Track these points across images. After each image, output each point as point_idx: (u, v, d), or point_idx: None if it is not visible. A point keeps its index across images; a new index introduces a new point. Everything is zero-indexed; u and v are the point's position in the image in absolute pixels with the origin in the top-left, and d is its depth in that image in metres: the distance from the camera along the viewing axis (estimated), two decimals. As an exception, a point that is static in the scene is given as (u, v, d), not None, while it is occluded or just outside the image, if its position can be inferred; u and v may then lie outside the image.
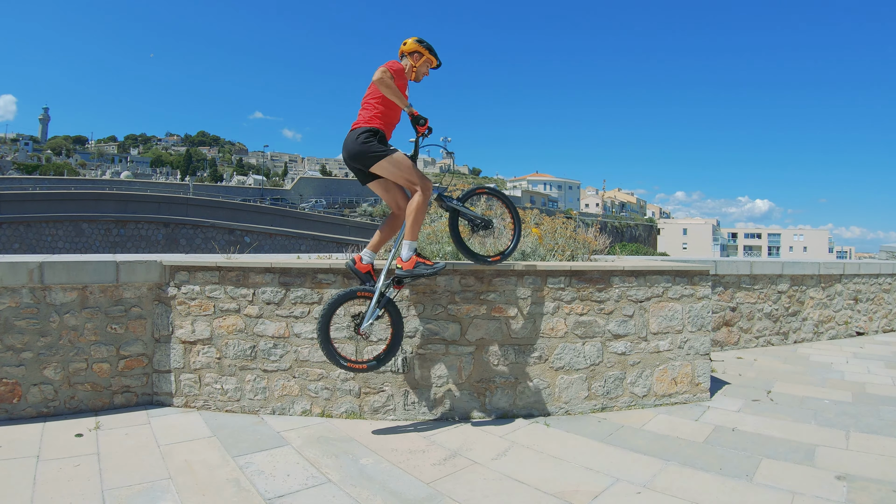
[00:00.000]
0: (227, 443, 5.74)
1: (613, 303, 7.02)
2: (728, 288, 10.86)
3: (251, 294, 6.73)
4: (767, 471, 5.26)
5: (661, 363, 7.19)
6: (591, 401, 6.93)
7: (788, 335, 11.58)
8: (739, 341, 11.00)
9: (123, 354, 6.74)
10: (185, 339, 6.81)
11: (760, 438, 6.09)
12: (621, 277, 7.07)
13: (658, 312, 7.20)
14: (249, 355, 6.71)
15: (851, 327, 12.58)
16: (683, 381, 7.29)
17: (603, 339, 6.98)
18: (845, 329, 12.49)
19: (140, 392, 6.83)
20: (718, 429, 6.37)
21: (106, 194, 54.50)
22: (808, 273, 11.85)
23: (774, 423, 6.56)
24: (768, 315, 11.29)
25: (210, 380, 6.75)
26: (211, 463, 5.26)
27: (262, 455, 5.46)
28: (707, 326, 7.45)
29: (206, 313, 6.79)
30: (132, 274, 6.76)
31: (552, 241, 8.06)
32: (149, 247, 52.21)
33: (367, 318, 6.01)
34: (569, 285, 6.89)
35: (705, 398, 7.39)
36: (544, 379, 6.80)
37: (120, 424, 6.20)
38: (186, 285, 6.83)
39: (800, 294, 11.72)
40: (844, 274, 12.50)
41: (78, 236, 50.15)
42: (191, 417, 6.50)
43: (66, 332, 6.54)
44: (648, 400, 7.13)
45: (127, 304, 6.78)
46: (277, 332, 6.69)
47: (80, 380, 6.57)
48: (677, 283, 7.31)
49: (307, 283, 6.68)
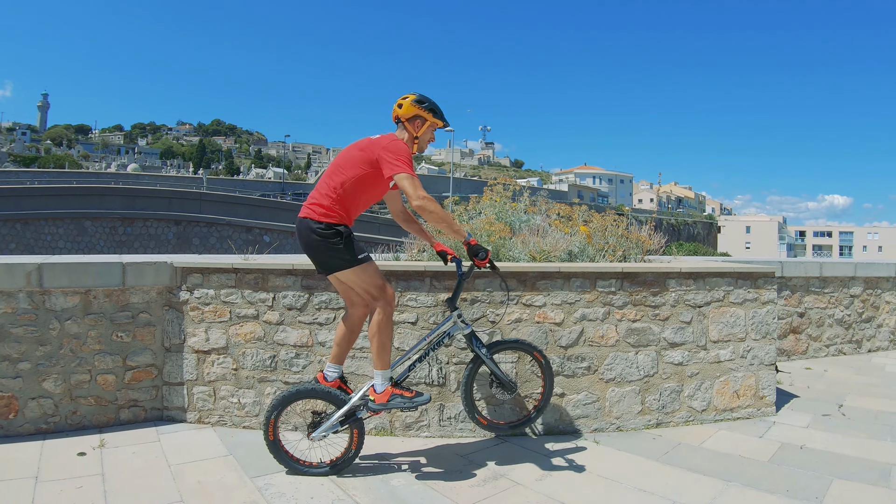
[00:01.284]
0: (245, 462, 5.73)
1: (669, 308, 6.95)
2: (795, 291, 10.73)
3: (271, 298, 6.72)
4: (839, 492, 5.19)
5: (721, 374, 7.11)
6: (644, 416, 6.87)
7: (862, 343, 11.43)
8: (808, 350, 10.88)
9: (130, 365, 6.75)
10: (199, 349, 6.80)
11: (831, 457, 6.01)
12: (678, 280, 6.99)
13: (718, 318, 7.12)
14: (269, 366, 6.70)
15: (932, 334, 12.35)
16: (746, 394, 7.20)
17: (658, 347, 6.92)
18: (925, 336, 12.26)
19: (149, 406, 6.84)
20: (785, 446, 6.30)
21: (111, 189, 54.93)
22: (884, 275, 11.68)
23: (846, 441, 6.48)
24: (840, 321, 11.14)
25: (226, 393, 6.75)
26: (227, 484, 5.25)
27: (282, 476, 5.44)
28: (773, 334, 7.36)
29: (222, 320, 6.78)
30: (140, 276, 6.76)
31: (602, 239, 8.00)
32: (158, 247, 52.47)
33: (324, 427, 5.54)
34: (620, 288, 6.82)
35: (770, 413, 7.30)
36: (593, 392, 6.74)
37: (127, 442, 6.21)
38: (200, 289, 6.82)
39: (874, 298, 11.56)
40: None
41: (80, 235, 50.50)
42: (204, 434, 6.51)
43: (67, 340, 6.54)
44: (708, 415, 7.05)
45: (134, 310, 6.79)
46: (300, 341, 6.67)
47: (82, 393, 6.59)
48: (740, 287, 7.22)
49: (333, 286, 6.62)
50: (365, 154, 5.42)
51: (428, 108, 5.67)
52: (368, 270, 5.44)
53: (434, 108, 5.71)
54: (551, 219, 7.66)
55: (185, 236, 53.58)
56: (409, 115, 5.65)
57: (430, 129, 5.78)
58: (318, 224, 5.30)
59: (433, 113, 5.70)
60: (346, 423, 5.55)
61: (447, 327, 5.79)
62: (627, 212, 8.01)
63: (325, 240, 5.30)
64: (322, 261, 5.46)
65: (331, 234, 5.30)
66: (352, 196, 5.43)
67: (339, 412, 5.51)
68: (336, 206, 5.37)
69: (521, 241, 7.40)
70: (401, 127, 5.75)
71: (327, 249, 5.33)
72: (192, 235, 53.87)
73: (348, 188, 5.40)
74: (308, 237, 5.36)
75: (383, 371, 5.50)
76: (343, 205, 5.40)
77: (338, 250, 5.32)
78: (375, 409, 5.48)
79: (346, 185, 5.39)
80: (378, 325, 5.43)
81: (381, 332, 5.44)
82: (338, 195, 5.38)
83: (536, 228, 7.54)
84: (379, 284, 5.49)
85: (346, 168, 5.43)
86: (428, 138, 5.84)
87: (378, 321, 5.43)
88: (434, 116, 5.71)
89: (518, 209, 7.44)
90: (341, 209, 5.39)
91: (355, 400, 5.53)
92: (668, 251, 7.26)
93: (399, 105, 5.68)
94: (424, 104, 5.65)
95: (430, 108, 5.68)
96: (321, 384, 5.65)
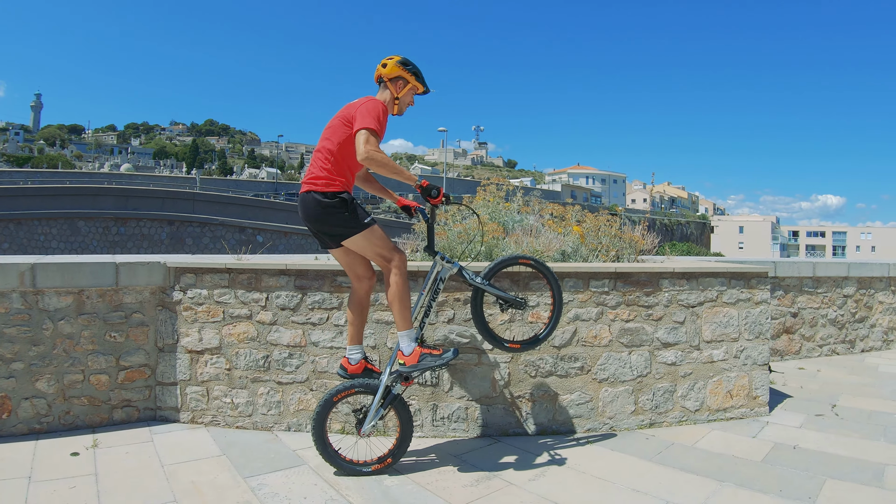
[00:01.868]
0: (238, 462, 5.74)
1: (663, 308, 6.97)
2: (788, 291, 10.77)
3: (264, 299, 6.73)
4: (832, 492, 5.20)
5: (715, 374, 7.13)
6: (638, 416, 6.89)
7: (855, 343, 11.48)
8: (801, 350, 10.91)
9: (124, 365, 6.76)
10: (192, 349, 6.81)
11: (824, 457, 6.03)
12: (671, 280, 7.02)
13: (712, 318, 7.14)
14: (262, 366, 6.71)
15: (926, 334, 12.38)
16: (740, 394, 7.22)
17: (651, 347, 6.94)
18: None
19: (142, 406, 6.85)
20: (778, 446, 6.32)
21: (104, 189, 54.87)
22: (877, 275, 11.72)
23: (840, 441, 6.50)
24: (833, 321, 11.18)
25: (219, 393, 6.76)
26: (220, 484, 5.25)
27: (276, 476, 5.45)
28: (766, 334, 7.38)
29: (215, 320, 6.79)
30: (133, 276, 6.77)
31: (595, 239, 8.02)
32: (151, 247, 52.46)
33: (369, 418, 5.60)
34: (613, 289, 6.84)
35: (764, 413, 7.32)
36: (586, 392, 6.76)
37: (120, 442, 6.22)
38: (193, 289, 6.83)
39: (868, 298, 11.60)
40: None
41: (73, 235, 50.46)
42: (198, 434, 6.51)
43: (60, 340, 6.55)
44: (701, 415, 7.07)
45: (127, 310, 6.79)
46: (293, 341, 6.68)
47: (76, 393, 6.59)
48: (733, 287, 7.24)
49: (326, 286, 6.67)
50: (342, 117, 5.54)
51: (411, 71, 5.80)
52: (377, 233, 5.54)
53: (417, 72, 5.84)
54: (544, 219, 7.68)
55: (179, 236, 53.58)
56: (393, 74, 5.76)
57: (411, 91, 5.90)
58: (322, 195, 5.40)
59: (415, 76, 5.83)
60: (388, 405, 5.60)
61: (435, 271, 5.83)
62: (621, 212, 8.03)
63: (331, 209, 5.40)
64: (330, 231, 5.53)
65: (337, 203, 5.40)
66: (344, 160, 5.52)
67: (376, 397, 5.56)
68: (334, 174, 5.47)
69: (515, 241, 7.41)
70: (382, 87, 5.85)
71: (335, 217, 5.42)
72: (185, 235, 53.87)
73: (338, 154, 5.48)
74: (314, 210, 5.45)
75: (408, 331, 5.55)
76: (340, 171, 5.50)
77: (345, 217, 5.42)
78: (408, 371, 5.51)
79: (335, 152, 5.48)
80: (396, 286, 5.50)
81: (400, 293, 5.50)
82: (332, 163, 5.48)
83: (530, 228, 7.56)
84: (389, 245, 5.60)
85: (333, 135, 5.53)
86: (408, 101, 5.94)
87: (395, 282, 5.51)
88: (416, 80, 5.84)
89: (511, 209, 7.45)
90: (339, 175, 5.49)
91: (386, 378, 5.58)
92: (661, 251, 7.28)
93: (383, 65, 5.78)
94: (408, 66, 5.78)
95: (413, 70, 5.81)
96: (349, 371, 5.77)
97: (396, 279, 5.50)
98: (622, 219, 8.33)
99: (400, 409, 5.67)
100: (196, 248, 53.22)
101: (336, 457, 5.56)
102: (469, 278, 5.84)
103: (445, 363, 5.56)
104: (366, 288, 5.88)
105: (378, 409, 5.58)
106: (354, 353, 5.81)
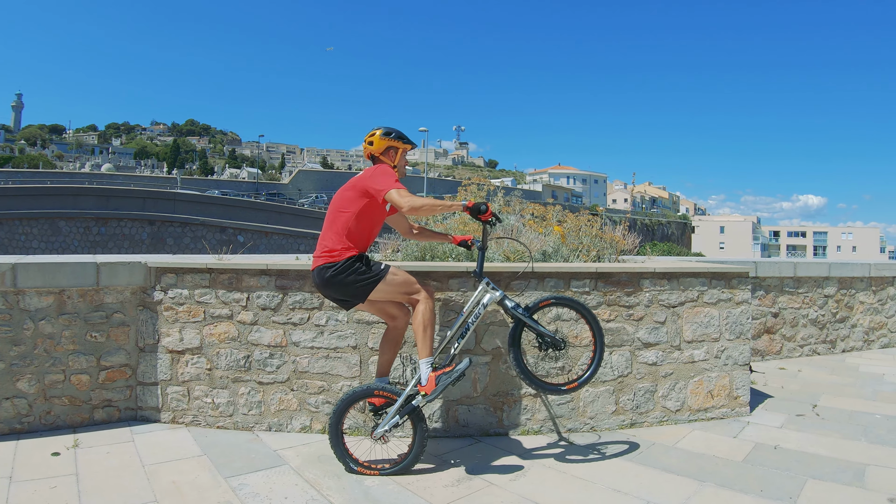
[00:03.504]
0: (219, 462, 5.74)
1: (643, 308, 7.00)
2: (769, 292, 10.82)
3: (245, 299, 6.73)
4: (813, 493, 5.23)
5: (695, 374, 7.17)
6: (618, 416, 6.92)
7: (836, 343, 11.54)
8: (782, 350, 10.97)
9: (104, 365, 6.74)
10: (173, 349, 6.80)
11: (805, 457, 6.06)
12: (652, 280, 7.05)
13: (692, 319, 7.18)
14: (243, 366, 6.71)
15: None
16: (720, 395, 7.26)
17: (632, 347, 6.97)
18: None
19: (123, 406, 6.83)
20: (759, 446, 6.35)
21: (85, 189, 54.61)
22: (858, 275, 11.78)
23: (821, 441, 6.54)
24: (814, 321, 11.24)
25: (200, 393, 6.75)
26: (201, 485, 5.26)
27: (257, 476, 5.46)
28: (746, 334, 7.43)
29: (196, 320, 6.79)
30: (114, 276, 6.75)
31: (576, 240, 8.02)
32: (132, 247, 52.21)
33: (384, 423, 5.67)
34: (594, 289, 6.87)
35: (745, 413, 7.36)
36: (567, 392, 6.75)
37: (101, 442, 6.21)
38: (174, 289, 6.82)
39: (848, 298, 11.67)
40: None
41: (54, 235, 50.19)
42: (179, 434, 6.50)
43: (41, 340, 6.52)
44: (682, 415, 7.11)
45: (108, 310, 6.77)
46: (274, 341, 6.69)
47: (56, 393, 6.57)
48: (714, 287, 7.28)
49: (307, 286, 6.67)
50: (356, 189, 5.68)
51: (396, 137, 5.94)
52: (397, 276, 5.67)
53: (402, 136, 5.99)
54: (525, 219, 7.70)
55: (159, 236, 53.40)
56: (382, 148, 5.91)
57: (404, 154, 6.02)
58: (333, 265, 5.52)
59: (402, 140, 5.97)
60: (406, 416, 5.67)
61: (478, 297, 5.90)
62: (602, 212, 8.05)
63: (346, 272, 5.51)
64: (351, 292, 5.63)
65: (350, 264, 5.52)
66: (358, 231, 5.65)
67: (396, 404, 5.65)
68: (348, 243, 5.59)
69: (495, 240, 7.43)
70: (378, 163, 5.95)
71: (352, 278, 5.52)
72: (166, 235, 53.69)
73: (353, 225, 5.62)
74: (329, 281, 5.56)
75: (428, 358, 5.63)
76: (353, 240, 5.62)
77: (360, 273, 5.53)
78: (430, 400, 5.60)
79: (349, 223, 5.61)
80: (422, 316, 5.61)
81: (425, 322, 5.61)
82: (346, 234, 5.60)
83: (510, 228, 7.58)
84: (412, 282, 5.72)
85: (344, 208, 5.66)
86: (404, 164, 6.09)
87: (422, 312, 5.61)
88: (404, 143, 5.98)
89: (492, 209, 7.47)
90: (353, 244, 5.61)
91: (410, 388, 5.67)
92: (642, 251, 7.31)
93: (370, 143, 5.94)
94: (392, 134, 5.93)
95: (398, 136, 5.95)
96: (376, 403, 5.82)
97: (423, 308, 5.63)
98: (603, 219, 8.36)
99: (416, 420, 5.70)
100: (177, 247, 53.04)
101: (348, 456, 5.66)
102: (511, 308, 5.88)
103: (461, 375, 5.63)
104: (401, 325, 6.04)
105: (395, 416, 5.64)
106: (381, 384, 5.84)
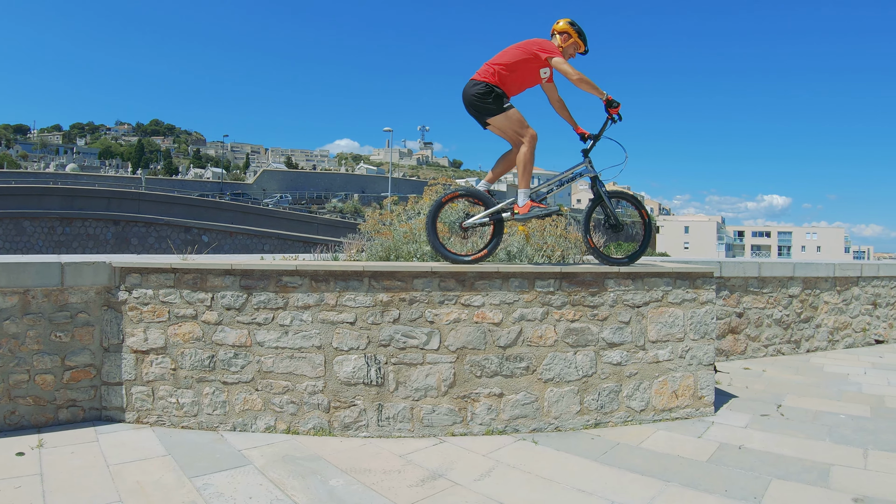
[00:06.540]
0: (184, 462, 5.74)
1: (608, 308, 7.05)
2: (734, 292, 10.90)
3: (209, 299, 6.73)
4: (777, 493, 5.28)
5: (660, 374, 7.23)
6: (583, 416, 6.96)
7: (800, 343, 11.65)
8: (747, 350, 11.06)
9: (69, 365, 6.71)
10: (137, 349, 6.78)
11: (770, 457, 6.11)
12: (616, 280, 7.11)
13: (657, 319, 7.24)
14: (208, 366, 6.70)
15: (870, 335, 12.65)
16: (685, 395, 7.32)
17: (596, 347, 7.01)
18: (863, 337, 12.56)
19: (87, 406, 6.81)
20: (723, 446, 6.40)
21: (50, 189, 54.01)
22: (823, 275, 11.88)
23: (785, 441, 6.59)
24: (778, 321, 11.34)
25: (164, 393, 6.74)
26: (166, 484, 5.25)
27: (221, 476, 5.46)
28: (711, 334, 7.49)
29: (160, 320, 6.77)
30: (79, 276, 6.73)
31: (540, 239, 8.09)
32: (97, 246, 51.67)
33: (476, 217, 7.29)
34: (559, 289, 6.92)
35: (709, 413, 7.42)
36: (532, 392, 6.82)
37: (65, 442, 6.18)
38: (138, 289, 6.81)
39: (813, 298, 11.78)
40: (862, 276, 12.53)
41: (19, 235, 49.65)
42: (143, 434, 6.49)
43: (5, 340, 6.49)
44: (647, 415, 7.16)
45: (73, 310, 6.75)
46: (238, 341, 6.69)
47: (21, 393, 6.54)
48: (678, 287, 7.35)
49: (271, 286, 6.68)
50: (522, 47, 7.16)
51: (576, 30, 7.39)
52: (512, 116, 7.11)
53: (580, 31, 7.42)
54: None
55: (124, 236, 52.91)
56: (561, 29, 7.38)
57: (574, 46, 7.44)
58: (477, 84, 7.09)
59: (578, 34, 7.41)
60: (492, 221, 7.28)
61: (580, 169, 7.52)
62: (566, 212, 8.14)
63: (480, 95, 7.05)
64: (478, 109, 7.15)
65: (486, 91, 7.04)
66: (508, 76, 7.12)
67: (487, 210, 7.29)
68: (495, 77, 7.07)
69: (461, 240, 7.48)
70: (553, 37, 7.43)
71: (482, 102, 7.06)
72: (130, 235, 53.20)
73: (504, 70, 7.09)
74: (469, 94, 7.14)
75: (526, 189, 7.18)
76: (500, 78, 7.09)
77: (488, 102, 7.05)
78: (520, 219, 7.23)
79: (503, 66, 7.09)
80: (523, 155, 7.14)
81: (525, 160, 7.14)
82: (496, 70, 7.09)
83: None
84: (523, 125, 7.15)
85: (506, 56, 7.15)
86: (570, 52, 7.45)
87: (524, 151, 7.14)
88: (578, 37, 7.41)
89: (457, 209, 7.51)
90: (499, 80, 7.08)
91: (501, 205, 7.27)
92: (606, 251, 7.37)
93: (557, 22, 7.43)
94: (574, 26, 7.39)
95: (577, 30, 7.40)
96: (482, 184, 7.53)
97: (525, 149, 7.13)
98: (567, 219, 8.45)
99: (497, 226, 7.29)
100: (141, 247, 52.58)
101: (443, 247, 7.10)
102: (599, 186, 7.48)
103: (549, 214, 7.30)
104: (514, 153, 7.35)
105: (486, 217, 7.26)
106: (483, 187, 7.49)
